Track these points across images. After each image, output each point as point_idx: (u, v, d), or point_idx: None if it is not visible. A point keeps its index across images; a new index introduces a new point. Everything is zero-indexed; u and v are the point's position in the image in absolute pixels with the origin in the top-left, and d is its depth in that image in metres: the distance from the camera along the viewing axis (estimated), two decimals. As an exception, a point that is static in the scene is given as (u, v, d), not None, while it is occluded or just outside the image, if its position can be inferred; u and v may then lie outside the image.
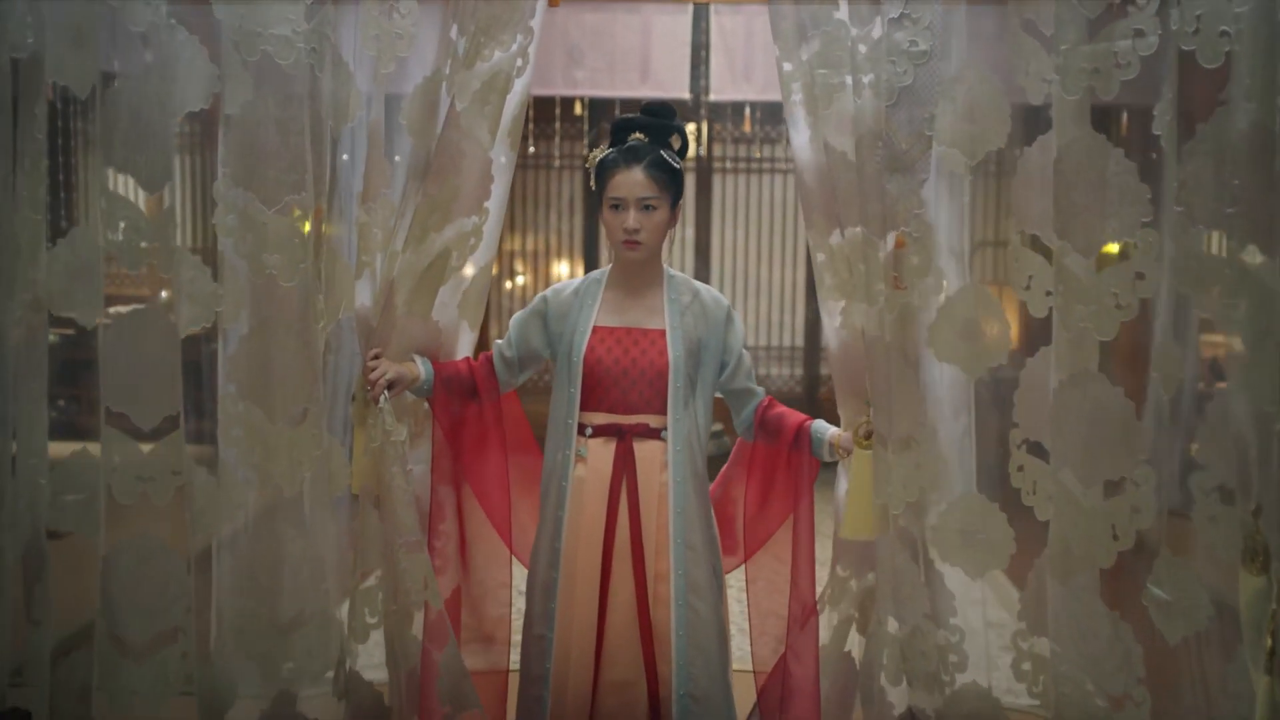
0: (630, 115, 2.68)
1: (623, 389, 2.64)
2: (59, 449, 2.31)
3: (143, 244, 2.06)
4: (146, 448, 2.13)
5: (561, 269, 8.73)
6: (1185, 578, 2.13)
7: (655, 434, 2.65)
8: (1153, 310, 2.14)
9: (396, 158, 2.60)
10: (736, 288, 8.49)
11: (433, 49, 2.57)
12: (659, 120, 2.67)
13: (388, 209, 2.60)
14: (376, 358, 2.62)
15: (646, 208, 2.59)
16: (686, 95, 6.67)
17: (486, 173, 2.67)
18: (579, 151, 7.92)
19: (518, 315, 2.77)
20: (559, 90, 6.80)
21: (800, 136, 2.63)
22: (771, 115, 7.33)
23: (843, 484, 2.79)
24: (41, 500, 2.32)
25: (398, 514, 2.60)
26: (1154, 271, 2.09)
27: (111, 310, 2.11)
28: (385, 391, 2.59)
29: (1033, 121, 2.29)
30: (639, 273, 2.68)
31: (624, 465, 2.63)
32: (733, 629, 2.82)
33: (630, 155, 2.60)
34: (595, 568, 2.62)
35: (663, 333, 2.66)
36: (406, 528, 2.57)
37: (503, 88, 2.61)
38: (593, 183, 2.67)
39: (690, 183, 7.85)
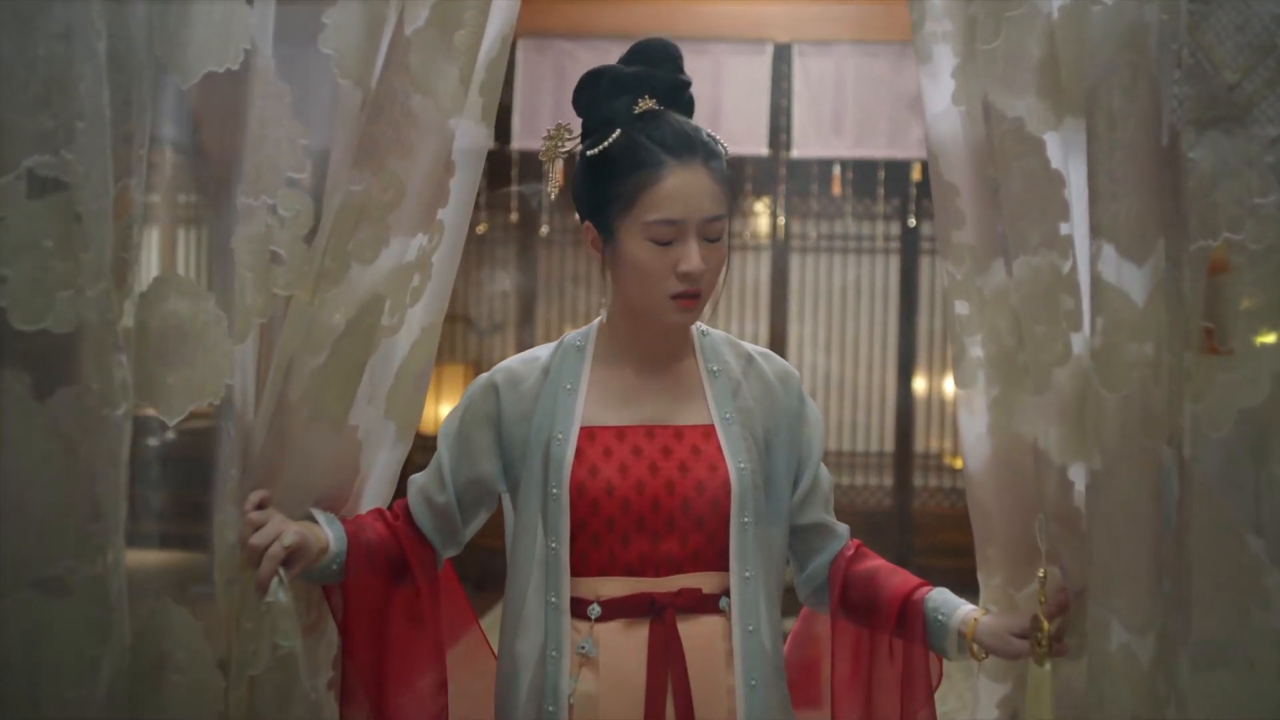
0: (617, 67, 1.56)
1: (652, 534, 1.51)
2: None
3: None
4: None
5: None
6: None
7: (711, 605, 1.52)
8: None
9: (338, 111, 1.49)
10: (817, 388, 7.35)
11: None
12: (671, 73, 1.56)
13: (298, 210, 1.47)
14: (261, 507, 1.48)
15: (712, 240, 1.50)
16: (765, 151, 5.62)
17: (445, 157, 1.55)
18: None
19: (448, 425, 1.61)
20: (613, 148, 5.79)
21: (938, 93, 1.53)
22: (864, 178, 6.24)
23: (986, 692, 1.61)
24: None
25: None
26: None
27: None
28: (280, 574, 1.45)
29: None
30: (660, 332, 1.56)
31: (665, 664, 1.48)
32: None
33: (680, 139, 1.49)
34: None
35: (709, 430, 1.54)
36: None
37: (481, 2, 1.51)
38: (557, 181, 1.58)
39: (764, 266, 6.76)
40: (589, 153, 1.52)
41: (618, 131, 1.50)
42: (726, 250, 1.53)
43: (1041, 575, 1.48)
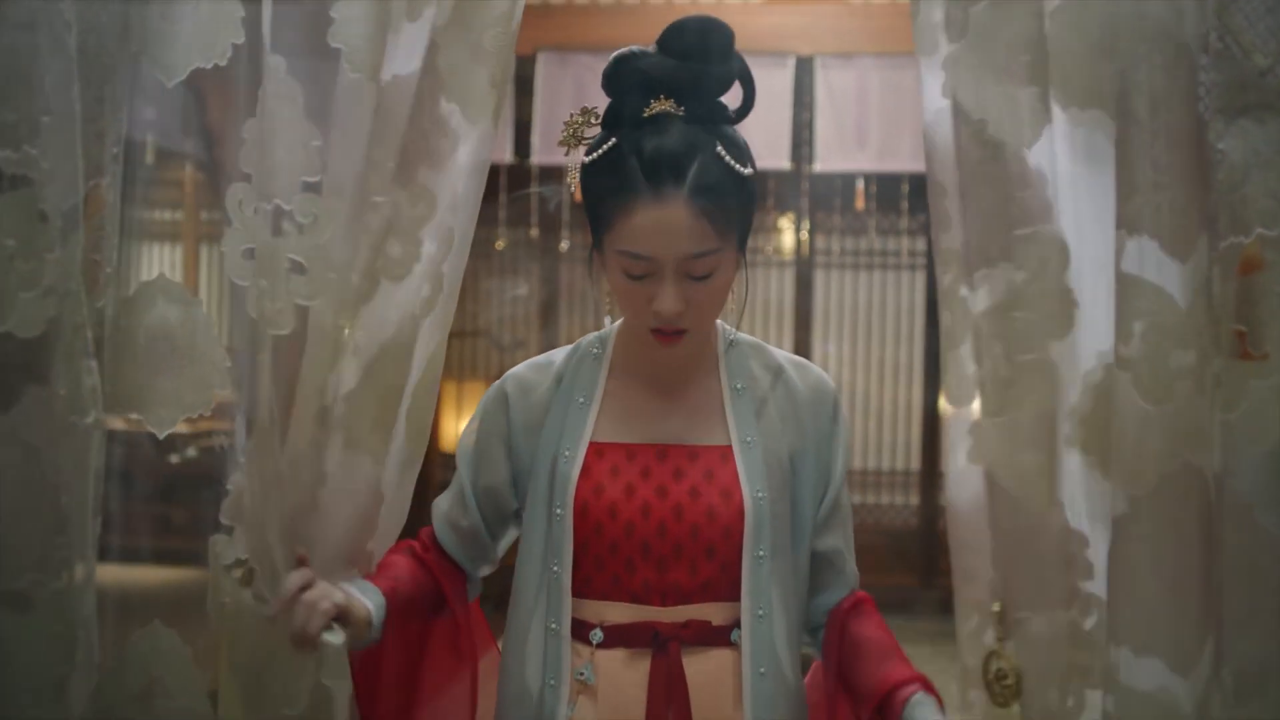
0: (639, 54, 1.37)
1: (658, 562, 1.40)
2: None
3: None
4: None
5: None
6: None
7: (721, 637, 1.41)
8: None
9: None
10: (842, 405, 7.24)
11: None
12: (702, 66, 1.36)
13: (315, 215, 1.39)
14: (308, 588, 1.35)
15: (699, 278, 1.34)
16: (788, 165, 5.55)
17: (464, 164, 1.47)
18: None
19: (465, 442, 1.52)
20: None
21: (933, 90, 1.40)
22: (887, 193, 6.15)
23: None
24: None
25: None
26: None
27: None
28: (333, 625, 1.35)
29: None
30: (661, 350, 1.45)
31: (667, 698, 1.38)
32: None
33: (661, 164, 1.31)
34: None
35: (726, 453, 1.42)
36: None
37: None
38: (576, 190, 1.43)
39: (788, 281, 6.68)
40: (584, 159, 1.40)
41: (612, 140, 1.37)
42: (729, 277, 1.39)
43: (997, 609, 1.36)
